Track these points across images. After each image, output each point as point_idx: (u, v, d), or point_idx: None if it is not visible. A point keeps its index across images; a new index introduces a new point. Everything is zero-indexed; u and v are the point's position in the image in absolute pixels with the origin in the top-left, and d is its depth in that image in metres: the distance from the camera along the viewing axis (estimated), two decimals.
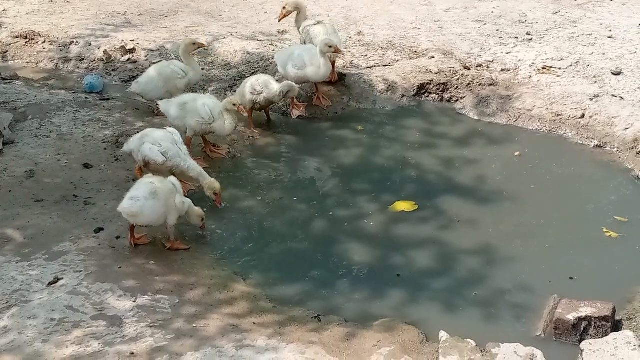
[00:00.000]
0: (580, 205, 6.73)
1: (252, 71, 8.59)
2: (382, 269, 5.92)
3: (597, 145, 7.58)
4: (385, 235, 6.31)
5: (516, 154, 7.39)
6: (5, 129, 7.16)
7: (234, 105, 6.97)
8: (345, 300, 5.61)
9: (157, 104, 7.47)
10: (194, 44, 7.73)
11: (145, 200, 5.63)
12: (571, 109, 7.92)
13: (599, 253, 6.09)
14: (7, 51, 9.43)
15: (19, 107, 7.76)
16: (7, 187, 6.48)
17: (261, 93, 7.62)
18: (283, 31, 9.72)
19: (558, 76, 8.55)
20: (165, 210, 5.75)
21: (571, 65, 8.72)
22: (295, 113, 8.11)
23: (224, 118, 7.00)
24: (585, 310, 5.22)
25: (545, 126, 7.86)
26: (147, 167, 6.41)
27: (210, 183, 6.31)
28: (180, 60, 7.82)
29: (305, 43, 8.45)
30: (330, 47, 7.74)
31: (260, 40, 9.38)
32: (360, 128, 7.90)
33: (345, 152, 7.52)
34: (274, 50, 9.01)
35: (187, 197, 6.13)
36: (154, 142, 6.38)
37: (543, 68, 8.68)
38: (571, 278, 5.79)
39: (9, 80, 8.52)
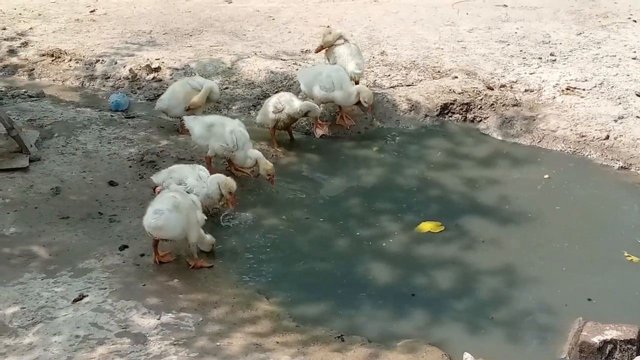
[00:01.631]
0: (603, 227, 6.69)
1: (276, 90, 8.63)
2: (405, 289, 5.91)
3: (621, 166, 7.55)
4: (408, 255, 6.30)
5: (545, 176, 7.35)
6: (31, 146, 7.22)
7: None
8: (368, 320, 5.60)
9: (182, 119, 7.53)
10: None
11: (169, 212, 5.66)
12: (595, 130, 7.90)
13: (621, 276, 6.03)
14: (34, 69, 9.54)
15: (46, 124, 7.84)
16: (33, 204, 6.53)
17: (282, 110, 7.65)
18: (306, 51, 9.76)
19: (582, 97, 8.53)
20: (187, 226, 5.77)
21: (595, 87, 8.70)
22: (319, 132, 8.14)
23: (248, 151, 7.00)
24: (611, 333, 5.18)
25: (570, 147, 7.84)
26: None
27: (227, 182, 6.36)
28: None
29: (328, 61, 8.50)
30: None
31: (284, 60, 9.43)
32: (376, 149, 7.90)
33: (368, 171, 7.53)
34: (297, 69, 9.06)
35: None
36: (180, 181, 6.37)
37: (567, 89, 8.67)
38: (589, 299, 5.76)
39: (36, 98, 8.60)
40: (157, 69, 9.24)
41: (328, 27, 10.34)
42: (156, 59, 9.38)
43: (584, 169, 7.55)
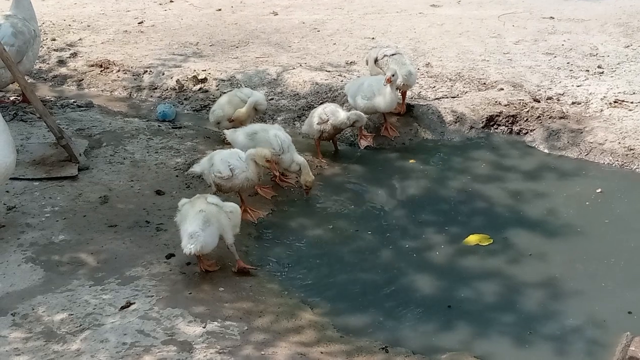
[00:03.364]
0: None
1: (321, 101, 8.66)
2: (450, 301, 5.87)
3: None
4: (454, 268, 6.27)
5: (598, 191, 7.25)
6: (80, 155, 7.34)
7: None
8: (412, 331, 5.58)
9: (223, 133, 7.59)
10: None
11: (202, 231, 5.69)
12: None
13: None
14: (83, 79, 9.70)
15: (94, 134, 7.96)
16: (81, 212, 6.63)
17: (327, 121, 7.68)
18: (351, 62, 9.80)
19: (630, 110, 8.43)
20: (220, 231, 5.82)
21: None
22: (363, 143, 8.16)
23: (293, 153, 7.06)
24: None
25: (617, 160, 7.74)
26: (219, 187, 6.49)
27: (258, 152, 6.49)
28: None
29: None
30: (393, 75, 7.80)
31: (329, 71, 9.46)
32: (412, 161, 7.89)
33: (413, 182, 7.52)
34: (342, 81, 9.10)
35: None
36: (223, 157, 6.55)
37: (615, 102, 8.57)
38: (629, 312, 5.69)
39: (85, 108, 8.74)
40: (204, 80, 9.33)
41: (372, 38, 10.40)
42: (203, 70, 9.48)
43: (632, 183, 7.45)
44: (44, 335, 5.22)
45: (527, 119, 8.38)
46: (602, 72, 9.31)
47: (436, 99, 8.87)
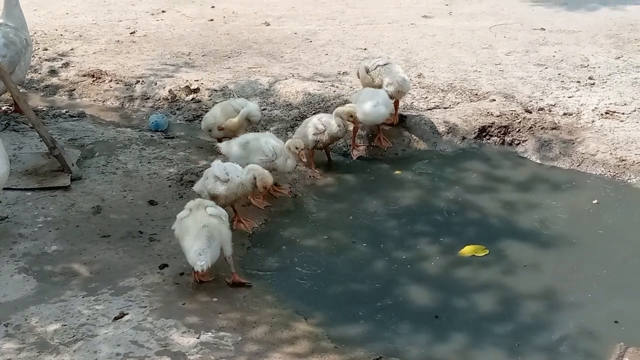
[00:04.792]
0: None
1: (313, 112, 8.67)
2: (445, 312, 5.87)
3: None
4: (449, 279, 6.26)
5: (594, 202, 7.28)
6: (73, 165, 7.32)
7: (297, 149, 7.17)
8: (407, 342, 5.56)
9: (217, 146, 7.58)
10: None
11: (209, 247, 5.70)
12: (635, 154, 7.82)
13: None
14: (75, 89, 9.69)
15: (87, 144, 7.94)
16: (74, 223, 6.60)
17: (324, 131, 7.71)
18: (343, 72, 9.82)
19: (621, 121, 8.47)
20: (221, 243, 5.83)
21: (635, 110, 8.65)
22: (356, 154, 8.17)
23: (286, 155, 7.10)
24: None
25: (609, 171, 7.77)
26: (216, 199, 6.46)
27: (264, 177, 6.49)
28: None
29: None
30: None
31: (321, 82, 9.48)
32: (397, 172, 7.89)
33: (405, 193, 7.52)
34: (334, 91, 9.11)
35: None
36: (219, 165, 6.58)
37: (606, 112, 8.62)
38: (616, 322, 5.69)
39: (77, 118, 8.72)
40: (196, 90, 9.33)
41: (364, 49, 10.42)
42: (195, 80, 9.48)
43: (624, 193, 7.47)
44: (37, 346, 5.20)
45: (519, 130, 8.41)
46: (594, 83, 9.36)
47: (428, 109, 8.89)
